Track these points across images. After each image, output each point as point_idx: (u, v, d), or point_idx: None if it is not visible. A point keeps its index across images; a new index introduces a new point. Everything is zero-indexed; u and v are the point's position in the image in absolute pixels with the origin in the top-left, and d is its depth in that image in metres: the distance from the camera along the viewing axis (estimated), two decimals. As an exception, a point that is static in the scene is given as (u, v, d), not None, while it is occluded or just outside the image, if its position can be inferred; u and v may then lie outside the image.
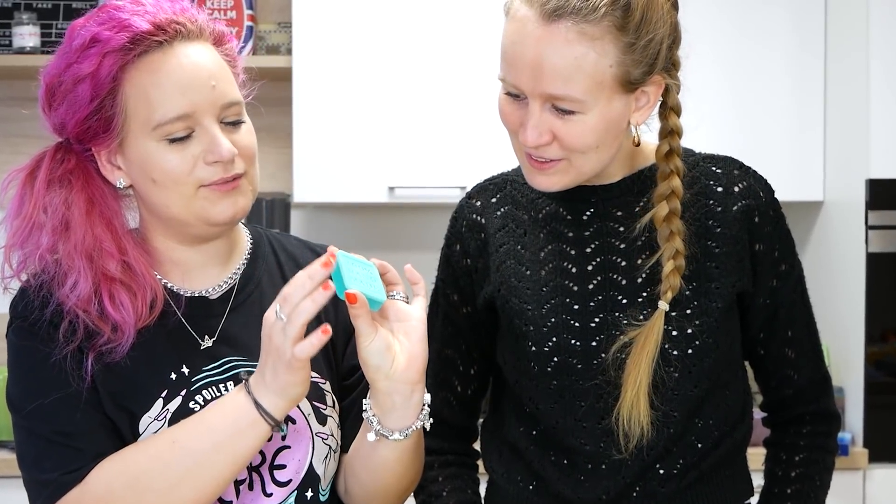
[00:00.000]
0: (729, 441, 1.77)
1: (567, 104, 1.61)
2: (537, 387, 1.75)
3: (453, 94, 3.52)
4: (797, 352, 1.82)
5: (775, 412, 1.87)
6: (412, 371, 1.52)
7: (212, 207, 1.59)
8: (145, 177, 1.59)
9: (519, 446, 1.80)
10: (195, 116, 1.57)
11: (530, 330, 1.74)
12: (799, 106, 3.56)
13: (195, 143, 1.57)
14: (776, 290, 1.78)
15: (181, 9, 1.62)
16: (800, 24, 3.55)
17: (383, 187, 3.55)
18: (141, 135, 1.57)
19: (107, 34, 1.56)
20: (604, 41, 1.60)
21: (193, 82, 1.57)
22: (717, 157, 1.81)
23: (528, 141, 1.64)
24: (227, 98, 1.60)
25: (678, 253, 1.69)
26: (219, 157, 1.56)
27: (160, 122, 1.56)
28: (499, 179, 1.86)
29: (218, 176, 1.58)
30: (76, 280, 1.57)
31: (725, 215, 1.75)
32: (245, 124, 1.63)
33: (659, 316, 1.69)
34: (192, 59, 1.58)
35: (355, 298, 1.47)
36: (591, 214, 1.76)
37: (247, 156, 1.62)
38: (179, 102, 1.56)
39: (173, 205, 1.59)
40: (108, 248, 1.59)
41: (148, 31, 1.56)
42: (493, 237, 1.80)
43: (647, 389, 1.68)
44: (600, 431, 1.73)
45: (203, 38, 1.62)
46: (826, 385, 1.86)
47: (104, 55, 1.55)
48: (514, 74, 1.63)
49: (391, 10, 3.54)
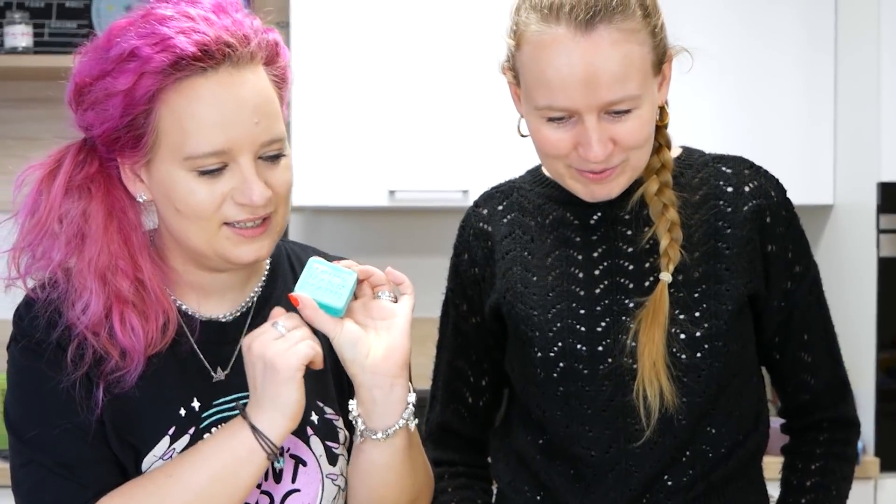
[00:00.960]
0: (741, 451, 1.76)
1: (626, 104, 1.61)
2: (543, 393, 1.74)
3: (455, 95, 3.52)
4: (814, 355, 1.81)
5: (792, 418, 1.87)
6: (390, 363, 1.51)
7: (233, 248, 1.52)
8: (168, 203, 1.51)
9: (526, 455, 1.80)
10: (231, 153, 1.48)
11: (536, 335, 1.73)
12: (809, 107, 3.55)
13: (226, 180, 1.48)
14: (790, 292, 1.78)
15: (235, 23, 1.50)
16: (810, 24, 3.54)
17: (383, 191, 3.54)
18: (169, 160, 1.48)
19: (147, 51, 1.45)
20: (641, 31, 1.62)
21: (235, 118, 1.47)
22: (727, 157, 1.81)
23: (597, 157, 1.62)
24: (270, 135, 1.50)
25: (674, 224, 1.70)
26: (249, 200, 1.48)
27: (192, 155, 1.47)
28: (505, 187, 1.86)
29: (245, 216, 1.50)
30: (87, 302, 1.50)
31: (736, 216, 1.74)
32: (284, 158, 1.53)
33: (662, 287, 1.69)
34: (237, 91, 1.47)
35: (297, 301, 1.49)
36: (599, 219, 1.76)
37: (280, 195, 1.53)
38: (216, 138, 1.46)
39: (194, 237, 1.52)
40: (124, 266, 1.52)
41: (192, 55, 1.45)
42: (500, 244, 1.80)
43: (664, 361, 1.67)
44: (606, 438, 1.72)
45: (254, 63, 1.50)
46: (844, 391, 1.85)
47: (142, 74, 1.45)
48: (565, 96, 1.61)
49: (392, 10, 3.54)
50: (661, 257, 1.70)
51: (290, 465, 1.60)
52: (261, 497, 1.58)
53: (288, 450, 1.60)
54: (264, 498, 1.58)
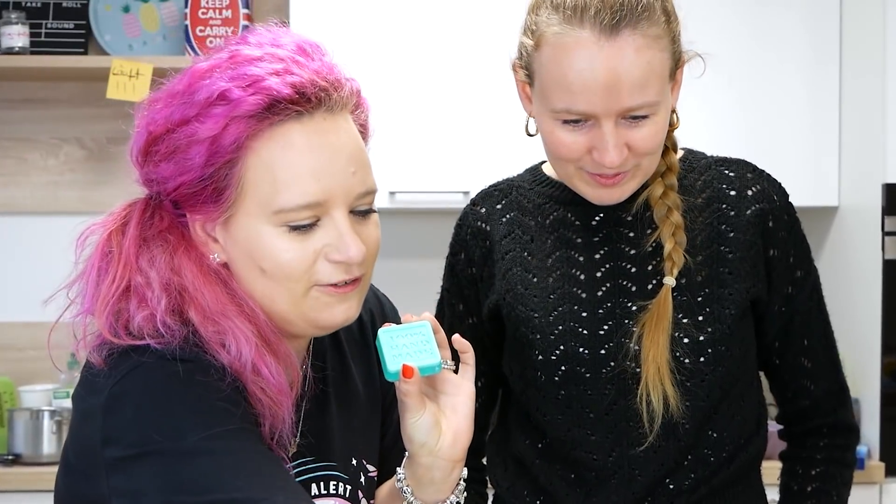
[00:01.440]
0: (743, 455, 1.77)
1: (644, 110, 1.62)
2: (544, 397, 1.74)
3: (457, 93, 3.52)
4: (813, 361, 1.82)
5: (791, 424, 1.87)
6: (457, 449, 1.43)
7: (323, 311, 1.40)
8: (251, 263, 1.38)
9: (525, 459, 1.80)
10: (326, 205, 1.36)
11: (537, 338, 1.73)
12: (813, 109, 3.55)
13: (319, 236, 1.37)
14: (791, 297, 1.78)
15: (325, 66, 1.40)
16: (814, 26, 3.54)
17: (383, 192, 3.53)
18: (256, 215, 1.36)
19: (238, 94, 1.33)
20: (664, 38, 1.62)
21: (331, 167, 1.36)
22: (730, 160, 1.81)
23: (612, 162, 1.62)
24: (365, 187, 1.39)
25: (678, 228, 1.70)
26: (346, 258, 1.37)
27: (284, 208, 1.35)
28: (504, 185, 1.86)
29: (339, 277, 1.38)
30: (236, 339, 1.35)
31: (739, 219, 1.74)
32: (374, 216, 1.43)
33: (666, 292, 1.69)
34: (333, 137, 1.37)
35: (411, 372, 1.38)
36: (601, 220, 1.76)
37: (372, 254, 1.42)
38: (312, 188, 1.35)
39: (279, 300, 1.39)
40: (236, 312, 1.37)
41: (288, 97, 1.34)
42: (499, 244, 1.80)
43: (668, 365, 1.67)
44: (609, 443, 1.72)
45: (346, 110, 1.40)
46: (844, 396, 1.85)
47: (231, 119, 1.33)
48: (585, 100, 1.60)
49: (392, 9, 3.54)
50: (665, 261, 1.70)
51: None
52: None
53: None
54: None
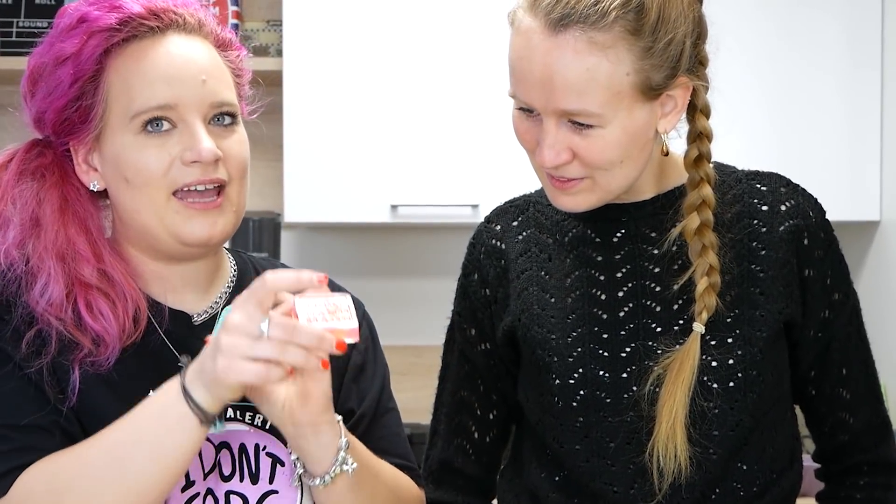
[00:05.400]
0: (775, 490, 1.77)
1: (584, 118, 1.64)
2: (562, 424, 1.75)
3: (463, 101, 3.53)
4: (853, 392, 1.82)
5: (829, 462, 1.87)
6: (307, 412, 1.52)
7: (184, 224, 1.60)
8: (118, 175, 1.60)
9: (539, 494, 1.80)
10: (178, 110, 1.59)
11: (554, 361, 1.74)
12: (853, 120, 3.57)
13: (175, 140, 1.59)
14: (828, 321, 1.79)
15: (183, 2, 1.65)
16: (854, 35, 3.56)
17: (385, 206, 3.55)
18: (119, 128, 1.59)
19: (96, 13, 1.59)
20: (617, 48, 1.62)
21: (181, 73, 1.60)
22: (762, 174, 1.82)
23: (545, 161, 1.67)
24: (218, 97, 1.62)
25: (712, 269, 1.70)
26: (197, 156, 1.58)
27: (138, 112, 1.58)
28: (520, 201, 1.88)
29: (195, 178, 1.58)
30: (47, 282, 1.57)
31: (771, 236, 1.75)
32: (237, 135, 1.65)
33: (694, 339, 1.70)
34: (184, 50, 1.61)
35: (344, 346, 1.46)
36: (622, 236, 1.78)
37: (234, 167, 1.62)
38: (163, 92, 1.58)
39: (144, 210, 1.60)
40: (83, 251, 1.60)
41: (139, 15, 1.60)
42: (514, 263, 1.82)
43: (683, 421, 1.69)
44: (631, 474, 1.73)
45: (202, 35, 1.65)
46: (886, 431, 1.85)
47: (90, 35, 1.58)
48: (524, 91, 1.66)
49: (393, 8, 3.55)
50: (696, 302, 1.70)
51: (268, 463, 1.64)
52: (233, 498, 1.61)
53: (265, 448, 1.64)
54: (236, 499, 1.61)
